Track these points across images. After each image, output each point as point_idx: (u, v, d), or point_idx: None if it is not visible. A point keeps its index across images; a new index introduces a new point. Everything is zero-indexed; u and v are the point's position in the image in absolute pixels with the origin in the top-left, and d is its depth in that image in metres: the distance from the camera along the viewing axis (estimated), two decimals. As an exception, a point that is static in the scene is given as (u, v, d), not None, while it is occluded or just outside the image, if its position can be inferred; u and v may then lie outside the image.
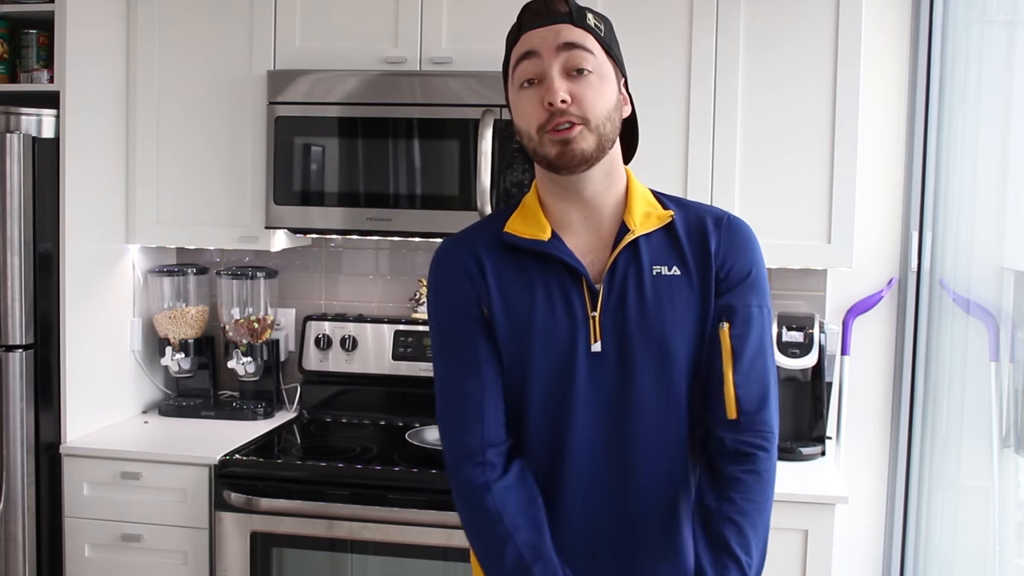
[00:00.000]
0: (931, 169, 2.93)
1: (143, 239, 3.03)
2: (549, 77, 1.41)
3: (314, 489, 2.59)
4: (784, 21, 2.70)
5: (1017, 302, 2.52)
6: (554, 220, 1.51)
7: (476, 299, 1.49)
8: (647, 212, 1.51)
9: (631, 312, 1.45)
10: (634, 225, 1.48)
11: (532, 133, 1.44)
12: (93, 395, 2.90)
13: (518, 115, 1.47)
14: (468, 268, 1.50)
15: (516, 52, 1.46)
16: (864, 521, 3.04)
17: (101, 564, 2.74)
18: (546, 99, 1.41)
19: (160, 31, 2.97)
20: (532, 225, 1.50)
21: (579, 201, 1.50)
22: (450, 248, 1.55)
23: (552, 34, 1.43)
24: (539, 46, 1.43)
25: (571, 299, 1.46)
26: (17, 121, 2.70)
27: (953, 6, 2.85)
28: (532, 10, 1.47)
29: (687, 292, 1.47)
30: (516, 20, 1.49)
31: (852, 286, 3.01)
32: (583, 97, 1.41)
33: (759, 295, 1.49)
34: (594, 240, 1.51)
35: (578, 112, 1.41)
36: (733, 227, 1.52)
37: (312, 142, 2.84)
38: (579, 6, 1.48)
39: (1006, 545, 2.51)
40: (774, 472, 1.48)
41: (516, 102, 1.47)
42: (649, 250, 1.48)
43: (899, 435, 3.00)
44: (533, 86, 1.43)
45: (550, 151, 1.43)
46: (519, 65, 1.45)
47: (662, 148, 2.76)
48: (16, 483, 2.68)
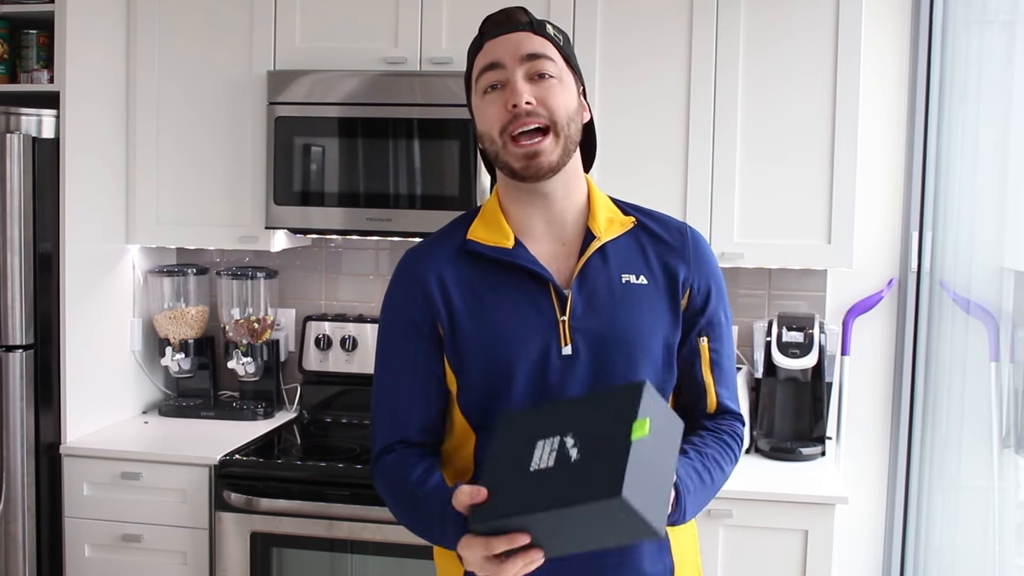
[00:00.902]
0: (931, 169, 2.94)
1: (143, 239, 3.03)
2: (514, 82, 1.44)
3: (314, 489, 2.59)
4: (784, 20, 2.71)
5: (1017, 302, 2.52)
6: (516, 226, 1.53)
7: (430, 319, 1.51)
8: (610, 218, 1.54)
9: (602, 317, 1.48)
10: (599, 231, 1.51)
11: (495, 136, 1.46)
12: (93, 395, 2.90)
13: (481, 120, 1.49)
14: (427, 287, 1.51)
15: (479, 62, 1.49)
16: (864, 521, 3.04)
17: (101, 564, 2.74)
18: (510, 101, 1.43)
19: (160, 31, 2.97)
20: (495, 232, 1.52)
21: (542, 207, 1.52)
22: (412, 262, 1.56)
23: (514, 44, 1.46)
24: (502, 56, 1.45)
25: (539, 305, 1.48)
26: (17, 121, 2.70)
27: (953, 6, 2.85)
28: (493, 20, 1.50)
29: (655, 300, 1.51)
30: (478, 31, 1.52)
31: (852, 286, 3.01)
32: (547, 98, 1.44)
33: (724, 303, 1.58)
34: (557, 246, 1.53)
35: (543, 113, 1.44)
36: (697, 244, 1.57)
37: (312, 142, 2.84)
38: (539, 19, 1.52)
39: (1006, 545, 2.51)
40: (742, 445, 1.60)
41: (479, 108, 1.49)
42: (616, 257, 1.51)
43: (899, 435, 3.00)
44: (496, 91, 1.46)
45: (515, 163, 1.46)
46: (483, 75, 1.47)
47: (662, 147, 2.76)
48: (16, 483, 2.68)
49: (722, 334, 1.56)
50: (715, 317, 1.55)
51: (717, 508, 2.48)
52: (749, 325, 3.02)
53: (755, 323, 2.95)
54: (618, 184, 2.77)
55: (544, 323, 1.47)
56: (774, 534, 2.49)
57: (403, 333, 1.53)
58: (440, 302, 1.50)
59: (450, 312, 1.50)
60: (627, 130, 2.77)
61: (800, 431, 2.82)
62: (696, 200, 2.74)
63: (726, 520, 2.48)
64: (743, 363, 3.01)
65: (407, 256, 1.58)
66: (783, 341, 2.75)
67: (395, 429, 1.53)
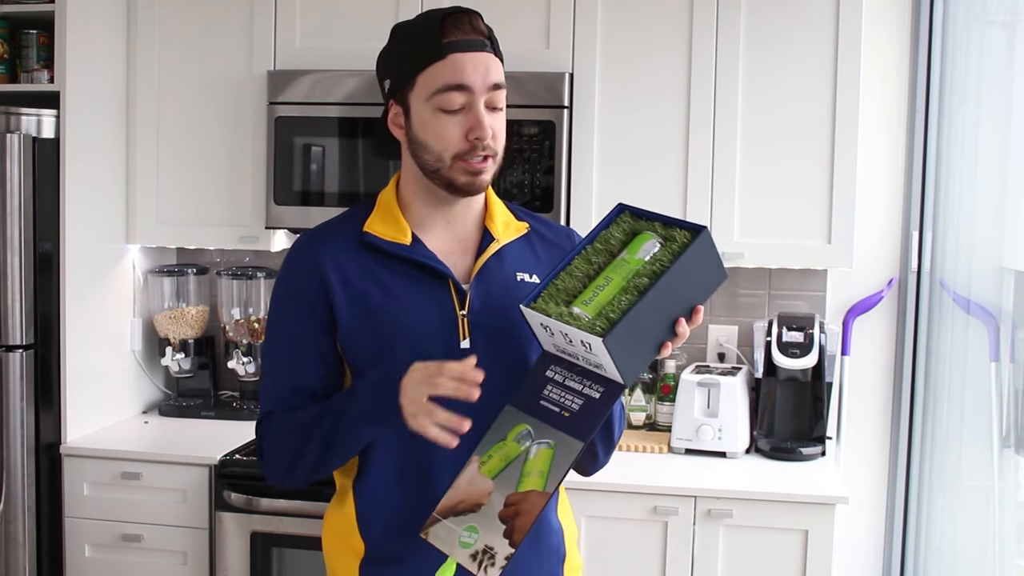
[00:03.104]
0: (931, 169, 2.94)
1: (143, 239, 3.03)
2: (478, 112, 1.45)
3: (314, 489, 2.57)
4: (784, 19, 2.70)
5: (1017, 302, 2.52)
6: (414, 220, 1.55)
7: (326, 303, 1.52)
8: (506, 222, 1.60)
9: (499, 312, 1.52)
10: (498, 234, 1.57)
11: (446, 158, 1.47)
12: (93, 395, 2.90)
13: (431, 135, 1.47)
14: (324, 272, 1.52)
15: (445, 75, 1.45)
16: (864, 521, 3.04)
17: (101, 564, 2.74)
18: (474, 134, 1.45)
19: (160, 31, 2.97)
20: (391, 227, 1.54)
21: (445, 208, 1.55)
22: (307, 247, 1.56)
23: (483, 68, 1.46)
24: (472, 80, 1.45)
25: (440, 300, 1.52)
26: (17, 121, 2.70)
27: (953, 6, 2.85)
28: (458, 28, 1.47)
29: None
30: (435, 25, 1.46)
31: (852, 286, 3.01)
32: (498, 132, 1.49)
33: None
34: (454, 243, 1.57)
35: (494, 147, 1.48)
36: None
37: (312, 142, 2.84)
38: (489, 26, 1.51)
39: (1006, 545, 2.51)
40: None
41: (430, 120, 1.47)
42: (511, 257, 1.58)
43: (899, 435, 3.00)
44: (455, 112, 1.46)
45: (459, 178, 1.48)
46: (448, 92, 1.45)
47: (662, 147, 2.76)
48: (16, 483, 2.68)
49: None
50: None
51: (717, 508, 2.48)
52: (749, 325, 3.02)
53: (755, 323, 2.95)
54: (618, 184, 2.78)
55: (444, 318, 1.51)
56: (774, 534, 2.49)
57: (296, 313, 1.54)
58: (337, 289, 1.51)
59: (348, 300, 1.51)
60: (627, 130, 2.77)
61: (800, 431, 2.82)
62: (696, 200, 2.75)
63: (726, 520, 2.48)
64: (743, 363, 3.01)
65: (304, 239, 1.57)
66: (783, 341, 2.75)
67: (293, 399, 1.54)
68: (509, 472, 1.41)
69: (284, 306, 1.57)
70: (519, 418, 1.43)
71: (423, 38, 1.47)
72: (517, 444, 1.42)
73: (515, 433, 1.43)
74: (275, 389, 1.56)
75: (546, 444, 1.42)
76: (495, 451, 1.42)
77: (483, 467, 1.42)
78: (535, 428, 1.42)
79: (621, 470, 2.62)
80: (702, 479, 2.57)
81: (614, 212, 1.48)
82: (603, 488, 2.52)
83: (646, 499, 2.51)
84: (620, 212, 1.49)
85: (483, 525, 1.40)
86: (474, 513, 1.41)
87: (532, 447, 1.42)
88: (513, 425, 1.43)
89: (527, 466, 1.42)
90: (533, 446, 1.42)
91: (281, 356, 1.56)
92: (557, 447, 1.41)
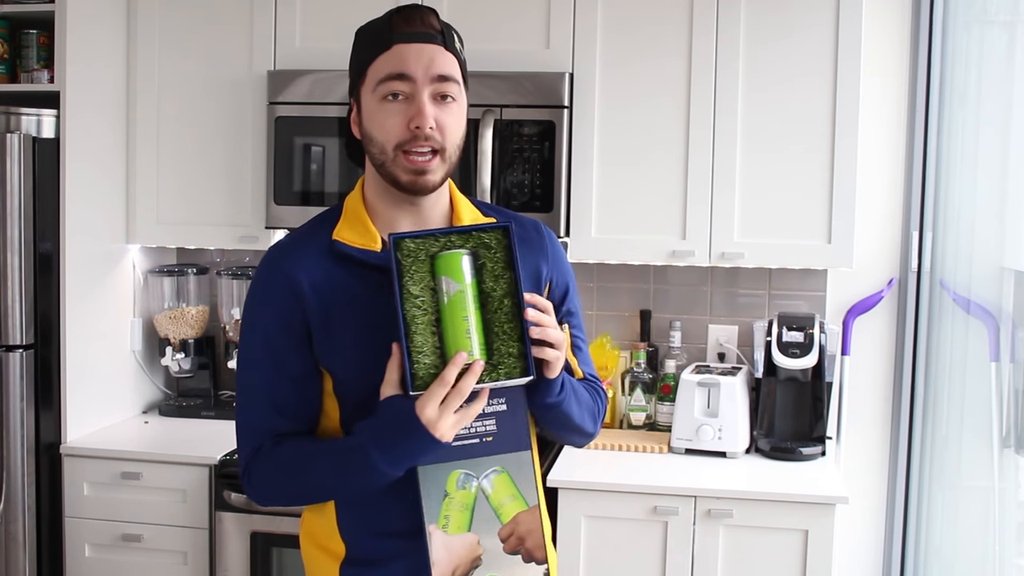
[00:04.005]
0: (931, 169, 2.94)
1: (143, 239, 3.03)
2: (420, 101, 1.44)
3: (314, 489, 2.59)
4: (784, 18, 2.70)
5: (1017, 302, 2.52)
6: (382, 224, 1.52)
7: (301, 317, 1.48)
8: (474, 219, 1.57)
9: None
10: None
11: (388, 149, 1.46)
12: (93, 395, 2.90)
13: (375, 125, 1.47)
14: (297, 286, 1.48)
15: (386, 63, 1.45)
16: (864, 521, 3.04)
17: (101, 564, 2.74)
18: (414, 122, 1.43)
19: (160, 31, 2.97)
20: (360, 233, 1.51)
21: (411, 210, 1.53)
22: (277, 261, 1.52)
23: (427, 58, 1.45)
24: (414, 69, 1.44)
25: None
26: (17, 121, 2.70)
27: (953, 6, 2.85)
28: (405, 17, 1.47)
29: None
30: (386, 19, 1.48)
31: (852, 286, 3.01)
32: (446, 125, 1.46)
33: (576, 294, 1.67)
34: None
35: (439, 139, 1.45)
36: (553, 242, 1.64)
37: (312, 142, 2.84)
38: (446, 24, 1.51)
39: (1006, 545, 2.51)
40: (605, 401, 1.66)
41: (375, 111, 1.46)
42: None
43: (899, 435, 3.00)
44: (398, 101, 1.45)
45: (401, 176, 1.46)
46: (389, 81, 1.45)
47: (662, 147, 2.76)
48: (16, 483, 2.68)
49: (580, 321, 1.66)
50: (573, 306, 1.64)
51: (717, 508, 2.48)
52: (749, 325, 3.02)
53: (755, 323, 2.95)
54: (618, 184, 2.78)
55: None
56: (774, 534, 2.49)
57: (273, 332, 1.49)
58: (311, 302, 1.47)
59: (322, 313, 1.47)
60: (627, 129, 2.77)
61: (800, 431, 2.82)
62: (696, 200, 2.75)
63: (726, 520, 2.48)
64: (743, 363, 3.01)
65: (275, 253, 1.54)
66: (783, 341, 2.75)
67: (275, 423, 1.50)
68: (480, 516, 1.39)
69: (259, 326, 1.51)
70: (444, 470, 1.39)
71: (374, 33, 1.49)
72: (464, 490, 1.39)
73: (454, 483, 1.39)
74: (259, 418, 1.50)
75: (495, 472, 1.40)
76: (447, 510, 1.39)
77: (448, 529, 1.39)
78: (469, 467, 1.40)
79: (621, 470, 2.62)
80: (702, 479, 2.57)
81: (392, 247, 1.38)
82: (603, 488, 2.52)
83: (646, 499, 2.51)
84: (396, 244, 1.39)
85: (497, 568, 1.39)
86: (479, 568, 1.39)
87: (483, 482, 1.40)
88: (445, 478, 1.39)
89: (493, 500, 1.40)
90: (483, 481, 1.40)
91: (261, 379, 1.50)
92: (507, 467, 1.40)
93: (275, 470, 1.48)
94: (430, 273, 1.37)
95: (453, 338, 1.34)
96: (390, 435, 1.36)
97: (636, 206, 2.78)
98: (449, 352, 1.34)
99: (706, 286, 3.07)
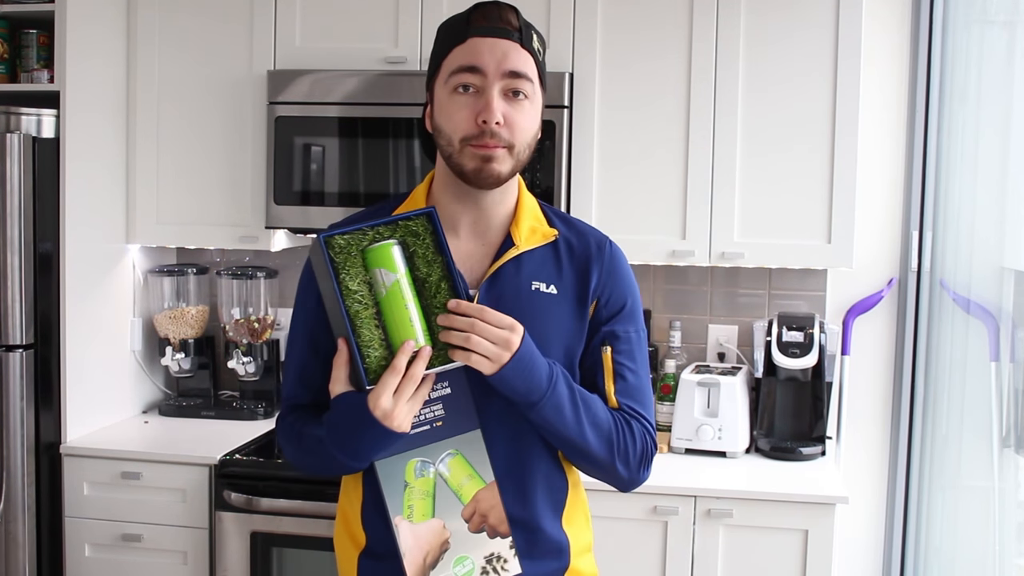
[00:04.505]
0: (931, 169, 2.94)
1: (143, 239, 3.03)
2: (489, 95, 1.44)
3: (314, 489, 2.59)
4: (784, 18, 2.71)
5: (1017, 302, 2.52)
6: (442, 218, 1.52)
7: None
8: (533, 227, 1.55)
9: None
10: (519, 240, 1.53)
11: (455, 141, 1.46)
12: (93, 395, 2.90)
13: (445, 116, 1.47)
14: None
15: (459, 56, 1.46)
16: (864, 521, 3.04)
17: (101, 564, 2.74)
18: (482, 116, 1.43)
19: (160, 31, 2.97)
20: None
21: (473, 207, 1.53)
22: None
23: (500, 54, 1.45)
24: (486, 63, 1.44)
25: None
26: (17, 121, 2.70)
27: (953, 6, 2.85)
28: (483, 12, 1.48)
29: (561, 308, 1.52)
30: (466, 14, 1.49)
31: (852, 286, 3.01)
32: (515, 122, 1.45)
33: (635, 322, 1.58)
34: (477, 246, 1.54)
35: (507, 136, 1.45)
36: (614, 258, 1.58)
37: (312, 142, 2.84)
38: (527, 22, 1.51)
39: (1006, 545, 2.51)
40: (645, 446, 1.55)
41: (446, 102, 1.47)
42: (530, 264, 1.53)
43: (899, 435, 3.00)
44: (468, 94, 1.45)
45: (468, 164, 1.46)
46: (460, 73, 1.45)
47: (662, 147, 2.76)
48: (16, 483, 2.68)
49: (631, 349, 1.56)
50: (621, 330, 1.56)
51: (717, 508, 2.48)
52: (749, 325, 3.02)
53: (755, 323, 2.95)
54: (618, 184, 2.78)
55: None
56: (774, 534, 2.49)
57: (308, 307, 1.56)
58: None
59: None
60: (627, 129, 2.77)
61: (800, 431, 2.82)
62: (696, 200, 2.75)
63: (726, 520, 2.48)
64: (743, 363, 3.01)
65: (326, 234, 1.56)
66: (783, 341, 2.75)
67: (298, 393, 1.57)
68: (441, 501, 1.41)
69: (301, 303, 1.59)
70: (400, 461, 1.41)
71: (453, 26, 1.50)
72: (423, 478, 1.41)
73: (411, 472, 1.41)
74: (290, 388, 1.58)
75: (449, 455, 1.42)
76: (409, 499, 1.41)
77: (413, 518, 1.41)
78: (424, 454, 1.42)
79: (621, 470, 2.62)
80: (702, 479, 2.57)
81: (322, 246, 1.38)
82: (603, 488, 2.50)
83: (646, 499, 2.51)
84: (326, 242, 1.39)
85: (466, 549, 1.41)
86: (448, 551, 1.41)
87: (439, 467, 1.42)
88: (403, 468, 1.41)
89: (452, 483, 1.42)
90: (439, 466, 1.42)
91: (296, 354, 1.58)
92: (460, 449, 1.42)
93: (285, 441, 1.55)
94: (363, 267, 1.38)
95: (397, 328, 1.36)
96: (346, 432, 1.39)
97: (636, 206, 2.79)
98: (395, 342, 1.36)
99: (706, 286, 3.07)
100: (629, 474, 1.53)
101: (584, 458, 1.51)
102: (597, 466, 1.52)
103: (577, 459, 1.53)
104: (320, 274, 1.42)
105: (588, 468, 1.55)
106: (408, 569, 1.40)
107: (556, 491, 1.56)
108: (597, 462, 1.51)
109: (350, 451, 1.40)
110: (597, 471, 1.54)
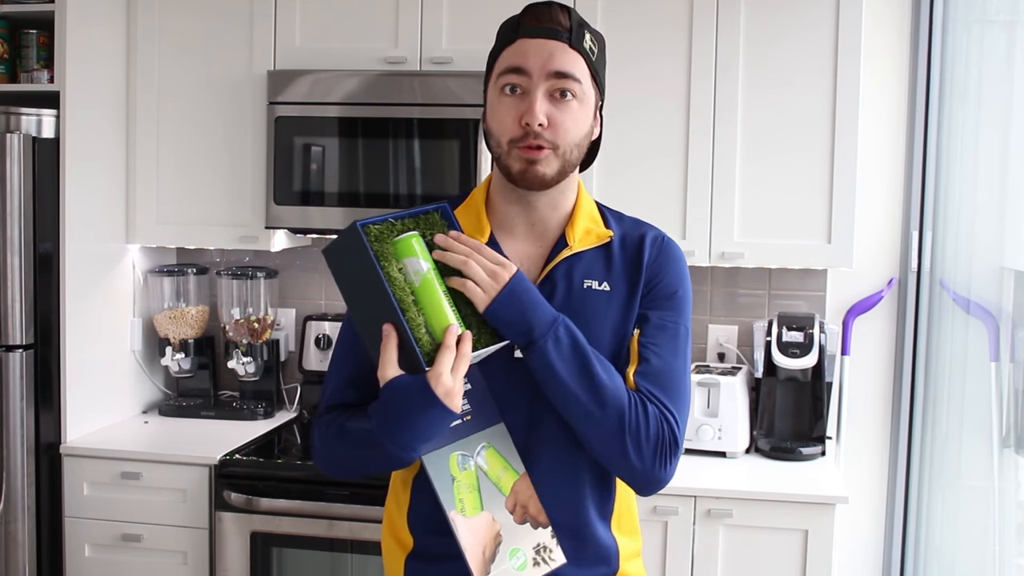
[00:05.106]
0: (931, 169, 2.94)
1: (143, 239, 3.03)
2: (532, 97, 1.43)
3: (314, 489, 2.59)
4: (784, 18, 2.71)
5: (1017, 302, 2.52)
6: (497, 220, 1.53)
7: None
8: (588, 229, 1.54)
9: None
10: (573, 241, 1.52)
11: (503, 142, 1.46)
12: (93, 395, 2.90)
13: (494, 118, 1.48)
14: None
15: (507, 57, 1.47)
16: (864, 521, 3.04)
17: (101, 564, 2.74)
18: (524, 118, 1.43)
19: (160, 31, 2.97)
20: (472, 224, 1.53)
21: (528, 209, 1.53)
22: None
23: (546, 54, 1.44)
24: (531, 64, 1.44)
25: None
26: (17, 121, 2.70)
27: (953, 6, 2.85)
28: (534, 13, 1.48)
29: (612, 305, 1.52)
30: (519, 15, 1.49)
31: (852, 286, 3.01)
32: (560, 123, 1.44)
33: (678, 312, 1.54)
34: (533, 247, 1.54)
35: (551, 137, 1.44)
36: (667, 247, 1.57)
37: (312, 142, 2.84)
38: (580, 22, 1.49)
39: (1006, 545, 2.51)
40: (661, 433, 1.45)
41: (495, 104, 1.48)
42: (584, 264, 1.52)
43: (899, 435, 3.00)
44: (515, 95, 1.45)
45: (514, 165, 1.46)
46: (506, 74, 1.46)
47: (662, 147, 2.76)
48: (16, 483, 2.68)
49: (664, 336, 1.51)
50: (655, 316, 1.51)
51: (717, 508, 2.48)
52: (749, 325, 3.02)
53: (755, 323, 2.95)
54: (618, 185, 2.78)
55: None
56: (774, 534, 2.49)
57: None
58: None
59: None
60: (627, 130, 2.77)
61: (800, 431, 2.82)
62: (696, 200, 2.75)
63: (726, 520, 2.48)
64: (743, 363, 3.01)
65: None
66: (783, 341, 2.75)
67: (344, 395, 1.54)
68: (486, 493, 1.43)
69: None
70: (444, 455, 1.43)
71: (506, 28, 1.50)
72: (466, 471, 1.43)
73: (455, 465, 1.43)
74: (332, 389, 1.55)
75: (484, 448, 1.44)
76: (458, 493, 1.42)
77: (466, 513, 1.41)
78: (462, 448, 1.43)
79: (621, 470, 2.62)
80: (702, 479, 2.57)
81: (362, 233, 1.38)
82: (603, 488, 2.52)
83: (646, 499, 2.51)
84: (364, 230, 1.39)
85: (516, 541, 1.43)
86: (502, 543, 1.42)
87: (477, 460, 1.44)
88: (447, 463, 1.43)
89: (491, 475, 1.44)
90: (477, 459, 1.44)
91: (341, 354, 1.56)
92: (491, 442, 1.45)
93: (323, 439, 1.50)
94: (395, 257, 1.40)
95: (434, 314, 1.38)
96: (401, 414, 1.36)
97: (636, 206, 2.74)
98: (433, 329, 1.37)
99: (706, 286, 3.07)
100: (642, 463, 1.42)
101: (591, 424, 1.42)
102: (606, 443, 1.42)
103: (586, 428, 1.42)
104: (354, 261, 1.40)
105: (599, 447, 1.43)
106: (471, 565, 1.39)
107: (604, 497, 1.55)
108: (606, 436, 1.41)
109: (402, 437, 1.36)
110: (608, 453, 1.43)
